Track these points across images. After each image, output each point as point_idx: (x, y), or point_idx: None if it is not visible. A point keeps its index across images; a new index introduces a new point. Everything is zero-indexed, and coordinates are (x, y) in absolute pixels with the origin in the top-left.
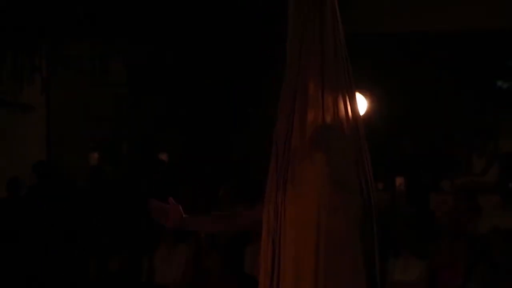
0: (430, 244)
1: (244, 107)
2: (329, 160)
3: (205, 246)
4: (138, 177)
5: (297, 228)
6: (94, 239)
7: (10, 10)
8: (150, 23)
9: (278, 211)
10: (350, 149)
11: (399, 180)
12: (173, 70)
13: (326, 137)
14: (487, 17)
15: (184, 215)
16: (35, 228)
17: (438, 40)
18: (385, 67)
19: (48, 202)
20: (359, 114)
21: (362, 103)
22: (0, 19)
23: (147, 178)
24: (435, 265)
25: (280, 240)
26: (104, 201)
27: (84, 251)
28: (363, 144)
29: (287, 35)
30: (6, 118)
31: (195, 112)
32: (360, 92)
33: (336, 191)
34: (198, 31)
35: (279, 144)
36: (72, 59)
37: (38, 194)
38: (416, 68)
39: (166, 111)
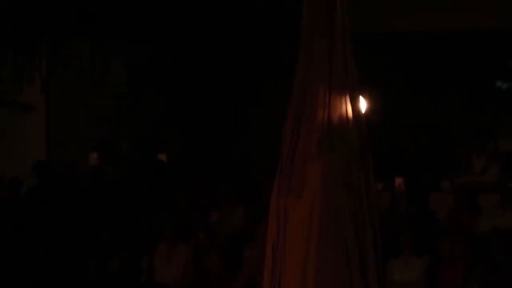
0: (430, 244)
1: (244, 107)
2: (335, 162)
3: (205, 246)
4: (138, 177)
5: (301, 229)
6: (94, 239)
7: (10, 10)
8: (150, 23)
9: (282, 212)
10: (355, 151)
11: (399, 180)
12: (173, 70)
13: (332, 138)
14: (487, 17)
15: None
16: (35, 228)
17: (438, 40)
18: (385, 67)
19: (48, 202)
20: (363, 115)
21: (362, 104)
22: (0, 19)
23: (147, 178)
24: (435, 265)
25: (283, 241)
26: (104, 201)
27: (84, 251)
28: (367, 146)
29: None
30: (6, 118)
31: (195, 112)
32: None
33: (341, 192)
34: (198, 31)
35: (285, 146)
36: (72, 59)
37: (38, 194)
38: (416, 68)
39: (166, 111)
